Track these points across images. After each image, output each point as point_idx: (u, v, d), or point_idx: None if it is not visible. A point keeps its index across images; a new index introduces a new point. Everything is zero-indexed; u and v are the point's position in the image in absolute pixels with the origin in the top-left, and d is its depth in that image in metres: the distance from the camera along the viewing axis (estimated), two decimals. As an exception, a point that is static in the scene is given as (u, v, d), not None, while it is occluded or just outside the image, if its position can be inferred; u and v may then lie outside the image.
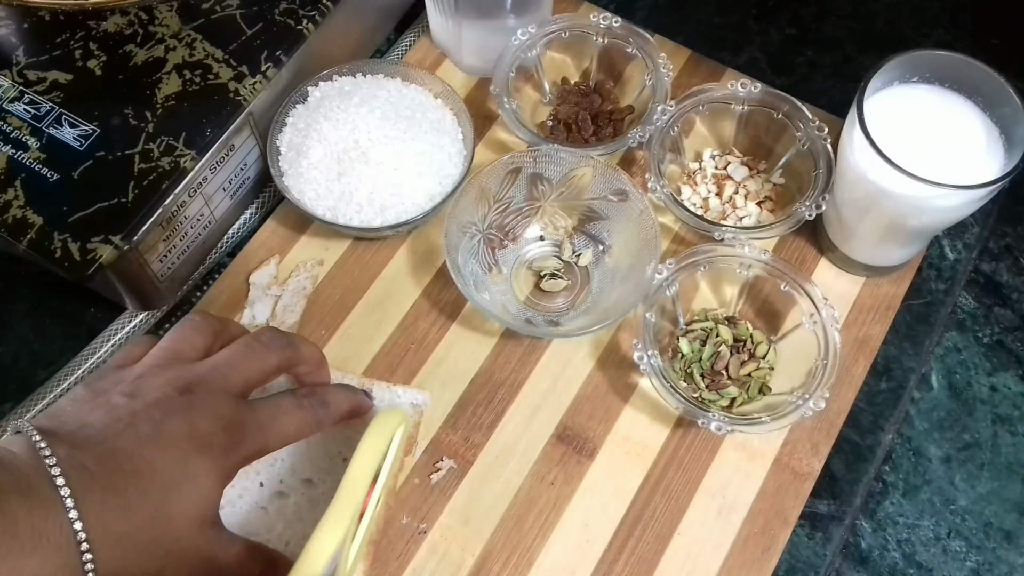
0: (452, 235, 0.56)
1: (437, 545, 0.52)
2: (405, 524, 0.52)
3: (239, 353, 0.46)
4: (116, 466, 0.40)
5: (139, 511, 0.39)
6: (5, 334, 0.59)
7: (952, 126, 0.52)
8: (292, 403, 0.46)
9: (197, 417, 0.42)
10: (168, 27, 0.59)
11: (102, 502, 0.39)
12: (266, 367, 0.46)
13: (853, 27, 0.71)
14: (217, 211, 0.59)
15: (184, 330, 0.46)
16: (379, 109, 0.59)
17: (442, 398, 0.56)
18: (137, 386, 0.43)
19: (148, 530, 0.39)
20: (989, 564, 0.53)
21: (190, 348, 0.45)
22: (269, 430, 0.44)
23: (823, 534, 0.53)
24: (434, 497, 0.53)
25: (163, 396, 0.42)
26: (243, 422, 0.43)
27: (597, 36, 0.64)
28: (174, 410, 0.42)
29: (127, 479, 0.39)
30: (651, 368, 0.53)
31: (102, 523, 0.38)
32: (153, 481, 0.40)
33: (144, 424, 0.41)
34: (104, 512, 0.38)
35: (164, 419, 0.41)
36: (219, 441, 0.42)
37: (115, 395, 0.42)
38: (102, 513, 0.38)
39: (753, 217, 0.61)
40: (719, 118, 0.62)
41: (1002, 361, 0.58)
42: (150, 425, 0.41)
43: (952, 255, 0.61)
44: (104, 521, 0.38)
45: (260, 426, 0.44)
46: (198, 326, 0.47)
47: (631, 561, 0.52)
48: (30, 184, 0.54)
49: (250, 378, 0.45)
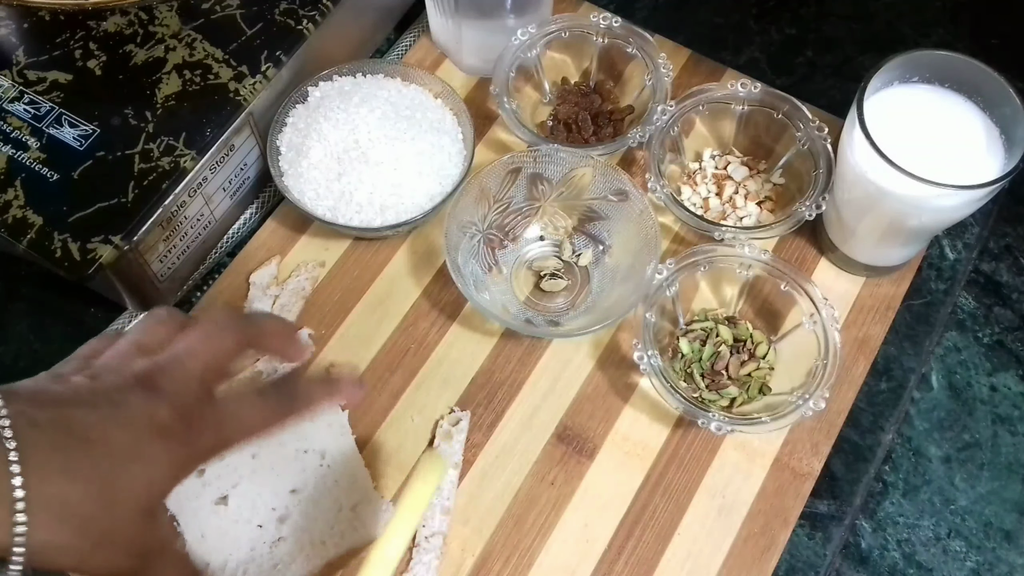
0: (452, 235, 0.56)
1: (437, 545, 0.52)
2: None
3: (196, 338, 0.44)
4: (69, 429, 0.38)
5: (84, 480, 0.38)
6: (5, 334, 0.59)
7: (952, 126, 0.52)
8: (255, 396, 0.45)
9: (157, 406, 0.41)
10: (168, 27, 0.59)
11: (47, 461, 0.37)
12: (224, 348, 0.45)
13: (853, 27, 0.71)
14: (217, 211, 0.59)
15: (148, 322, 0.46)
16: (379, 109, 0.59)
17: (442, 398, 0.56)
18: (98, 371, 0.42)
19: (89, 503, 0.38)
20: (989, 564, 0.53)
21: (153, 341, 0.45)
22: (230, 424, 0.43)
23: (823, 534, 0.53)
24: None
25: (123, 382, 0.41)
26: (203, 415, 0.42)
27: (597, 36, 0.64)
28: (134, 396, 0.41)
29: (79, 444, 0.38)
30: (651, 368, 0.53)
31: (43, 483, 0.37)
32: (105, 453, 0.38)
33: (103, 401, 0.40)
34: (48, 472, 0.37)
35: (124, 402, 0.40)
36: (178, 431, 0.41)
37: (77, 377, 0.41)
38: (45, 473, 0.37)
39: (753, 217, 0.61)
40: (719, 118, 0.62)
41: (1002, 361, 0.58)
42: (109, 404, 0.40)
43: (952, 255, 0.61)
44: (45, 480, 0.37)
45: (220, 420, 0.43)
46: (162, 319, 0.46)
47: (631, 561, 0.52)
48: (30, 184, 0.54)
49: (209, 362, 0.44)
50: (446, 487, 0.52)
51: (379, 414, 0.55)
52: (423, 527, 0.51)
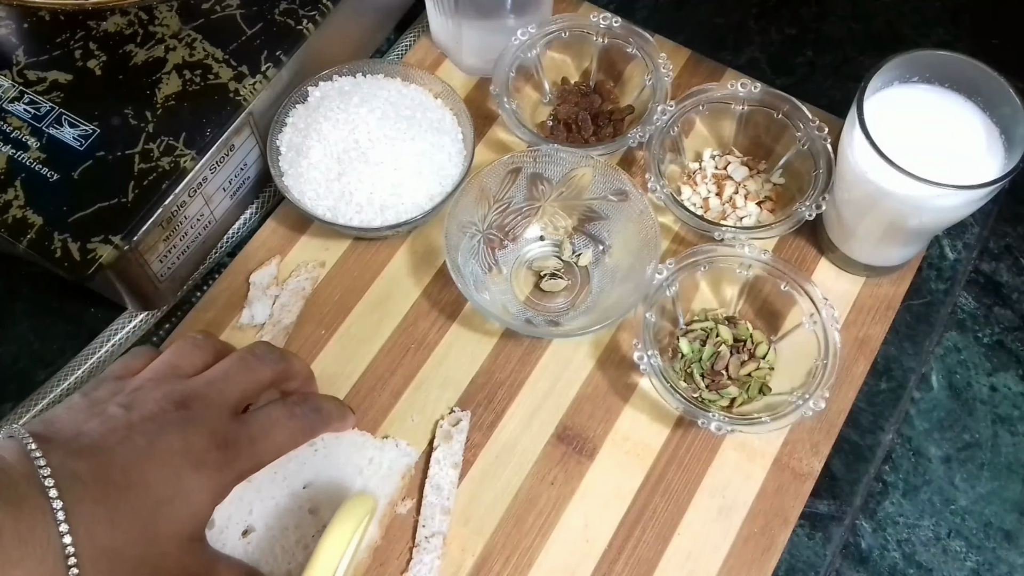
0: (452, 235, 0.56)
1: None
2: (405, 523, 0.52)
3: (234, 367, 0.46)
4: (109, 478, 0.39)
5: (129, 526, 0.39)
6: (5, 334, 0.59)
7: (952, 126, 0.52)
8: (284, 413, 0.46)
9: (192, 433, 0.42)
10: (168, 27, 0.59)
11: (92, 514, 0.38)
12: (260, 380, 0.47)
13: (853, 27, 0.71)
14: (217, 211, 0.59)
15: (184, 346, 0.47)
16: (379, 109, 0.59)
17: (442, 398, 0.56)
18: (134, 398, 0.43)
19: (136, 546, 0.39)
20: (989, 564, 0.53)
21: (188, 364, 0.46)
22: (262, 444, 0.44)
23: (823, 534, 0.53)
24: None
25: (159, 410, 0.42)
26: (237, 438, 0.43)
27: (597, 36, 0.64)
28: (170, 425, 0.41)
29: (119, 492, 0.39)
30: (651, 368, 0.53)
31: (90, 536, 0.38)
32: (146, 495, 0.40)
33: (140, 437, 0.41)
34: (93, 525, 0.38)
35: (160, 433, 0.41)
36: (213, 458, 0.42)
37: (112, 405, 0.42)
38: (91, 526, 0.38)
39: (753, 217, 0.61)
40: (719, 118, 0.62)
41: (1002, 361, 0.58)
42: (145, 439, 0.41)
43: (952, 255, 0.61)
44: (93, 534, 0.38)
45: (253, 440, 0.44)
46: (199, 343, 0.47)
47: (631, 561, 0.52)
48: (30, 184, 0.54)
49: (245, 391, 0.46)
50: (446, 487, 0.52)
51: (379, 414, 0.55)
52: (423, 527, 0.51)
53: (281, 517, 0.49)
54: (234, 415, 0.44)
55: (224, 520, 0.48)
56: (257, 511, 0.49)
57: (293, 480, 0.50)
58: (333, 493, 0.50)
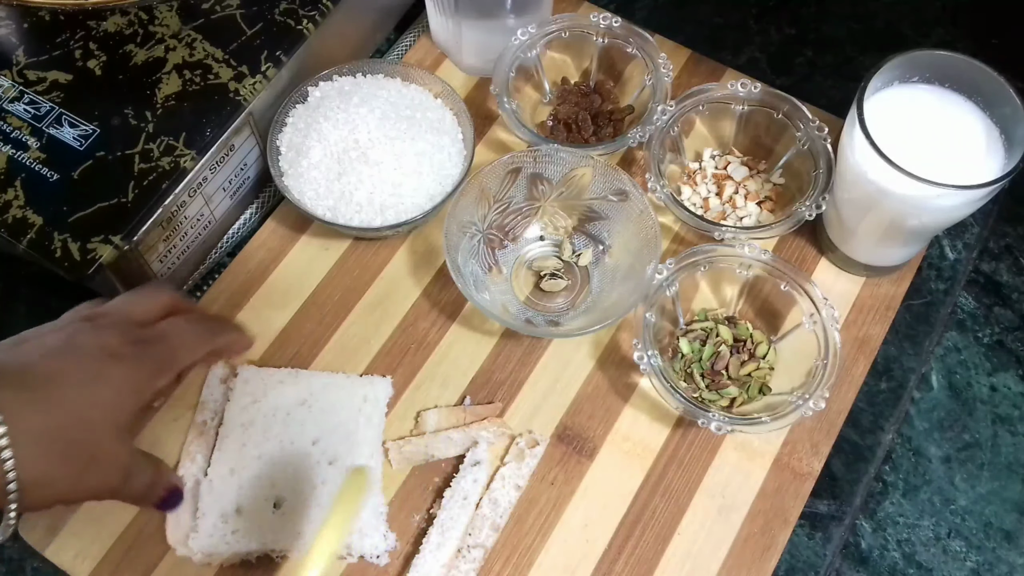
0: (452, 235, 0.56)
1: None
2: (406, 522, 0.52)
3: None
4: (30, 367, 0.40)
5: (56, 408, 0.40)
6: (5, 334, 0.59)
7: (952, 126, 0.52)
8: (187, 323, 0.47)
9: (106, 336, 0.43)
10: (168, 27, 0.59)
11: (17, 399, 0.39)
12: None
13: (853, 27, 0.71)
14: (217, 211, 0.59)
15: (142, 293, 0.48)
16: (379, 109, 0.59)
17: (442, 398, 0.56)
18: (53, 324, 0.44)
19: (67, 427, 0.40)
20: (989, 564, 0.53)
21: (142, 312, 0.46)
22: (172, 340, 0.45)
23: (823, 534, 0.53)
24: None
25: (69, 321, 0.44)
26: (147, 337, 0.44)
27: (597, 36, 0.64)
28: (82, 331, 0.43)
29: (42, 379, 0.40)
30: (651, 368, 0.53)
31: (20, 420, 0.38)
32: (68, 380, 0.41)
33: (54, 339, 0.42)
34: (21, 409, 0.39)
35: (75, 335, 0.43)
36: (129, 351, 0.43)
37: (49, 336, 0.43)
38: (20, 411, 0.38)
39: (753, 217, 0.61)
40: (719, 118, 0.62)
41: (1002, 361, 0.58)
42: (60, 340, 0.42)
43: (952, 255, 0.61)
44: (22, 418, 0.38)
45: (164, 340, 0.45)
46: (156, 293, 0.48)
47: (631, 561, 0.52)
48: (30, 184, 0.54)
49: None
50: (503, 504, 0.52)
51: (379, 414, 0.55)
52: (469, 535, 0.51)
53: (305, 479, 0.51)
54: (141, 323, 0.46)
55: (251, 502, 0.51)
56: (280, 482, 0.52)
57: (300, 441, 0.53)
58: (343, 438, 0.53)
